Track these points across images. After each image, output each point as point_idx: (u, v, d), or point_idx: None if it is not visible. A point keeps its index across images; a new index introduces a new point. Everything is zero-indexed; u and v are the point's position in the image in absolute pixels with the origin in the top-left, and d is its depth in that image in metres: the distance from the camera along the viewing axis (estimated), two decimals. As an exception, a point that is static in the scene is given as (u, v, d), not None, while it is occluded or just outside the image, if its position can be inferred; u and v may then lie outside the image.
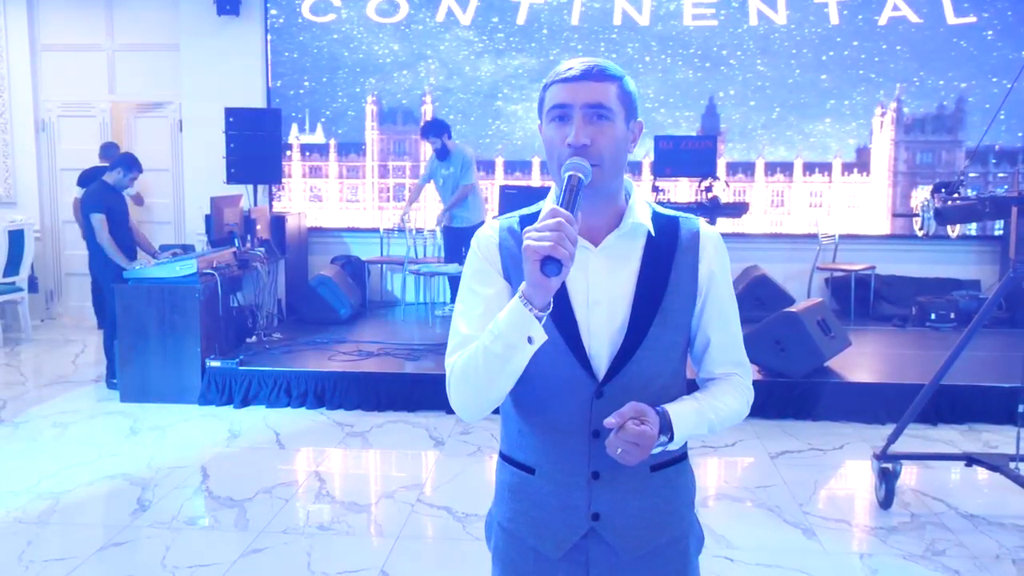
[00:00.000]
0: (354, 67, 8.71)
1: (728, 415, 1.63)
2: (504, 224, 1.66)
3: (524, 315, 1.41)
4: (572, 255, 1.36)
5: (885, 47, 8.26)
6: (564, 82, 1.54)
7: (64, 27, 8.87)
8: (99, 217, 6.31)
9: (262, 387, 6.06)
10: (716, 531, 3.98)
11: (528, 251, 1.36)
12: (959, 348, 4.37)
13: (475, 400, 1.53)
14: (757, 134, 8.45)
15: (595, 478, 1.59)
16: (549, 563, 1.64)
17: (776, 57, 8.35)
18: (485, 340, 1.46)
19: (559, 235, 1.35)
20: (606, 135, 1.53)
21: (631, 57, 8.40)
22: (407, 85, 8.69)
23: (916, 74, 8.26)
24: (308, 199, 8.92)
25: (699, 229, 1.65)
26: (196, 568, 3.68)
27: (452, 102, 8.69)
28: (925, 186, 8.37)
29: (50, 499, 4.41)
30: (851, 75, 8.33)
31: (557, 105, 1.55)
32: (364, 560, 3.77)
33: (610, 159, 1.54)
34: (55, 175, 9.02)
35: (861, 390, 5.84)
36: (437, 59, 8.66)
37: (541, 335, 1.43)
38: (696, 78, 8.45)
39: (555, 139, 1.55)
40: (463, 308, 1.61)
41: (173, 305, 6.05)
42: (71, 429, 5.56)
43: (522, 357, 1.45)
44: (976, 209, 4.52)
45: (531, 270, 1.37)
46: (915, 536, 4.03)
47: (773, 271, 8.07)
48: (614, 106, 1.54)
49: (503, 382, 1.49)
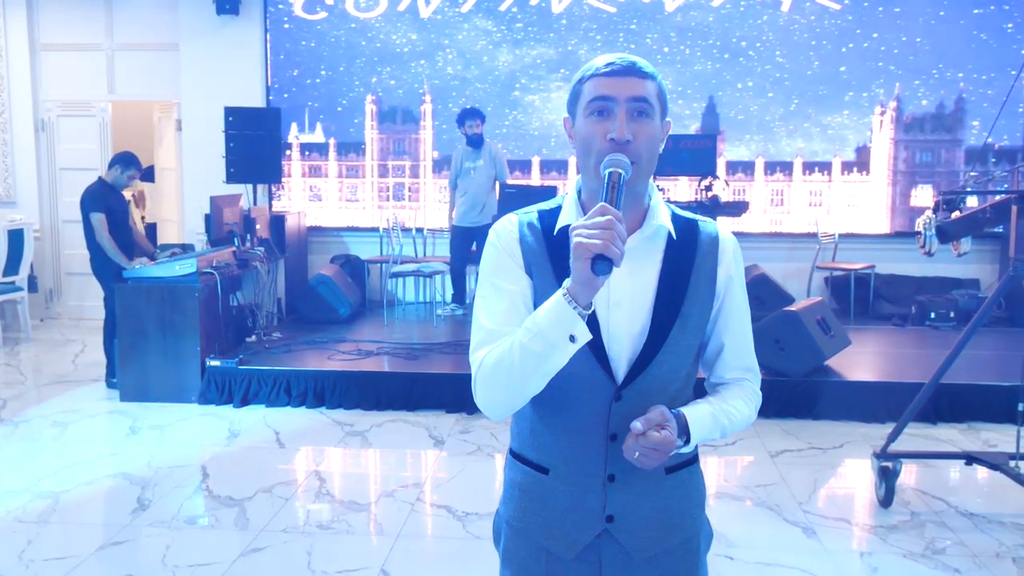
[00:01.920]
0: (354, 66, 8.70)
1: (739, 421, 1.63)
2: (524, 219, 1.63)
3: (568, 313, 1.38)
4: (623, 253, 1.34)
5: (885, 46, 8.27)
6: (607, 76, 1.52)
7: (63, 27, 8.87)
8: (99, 216, 6.31)
9: (262, 386, 6.06)
10: (716, 529, 3.92)
11: (580, 248, 1.34)
12: (959, 347, 4.38)
13: (505, 398, 1.51)
14: (775, 125, 8.44)
15: (611, 480, 1.58)
16: (561, 563, 1.62)
17: (793, 48, 8.36)
18: (522, 337, 1.43)
19: (611, 233, 1.33)
20: (646, 132, 1.51)
21: (650, 48, 8.41)
22: (407, 83, 8.68)
23: (917, 73, 8.26)
24: (308, 198, 8.91)
25: (718, 233, 1.63)
26: (196, 567, 3.68)
27: (469, 92, 8.67)
28: (924, 186, 8.39)
29: (50, 498, 4.41)
30: (852, 72, 8.33)
31: (599, 98, 1.51)
32: (364, 559, 3.77)
33: (647, 157, 1.53)
34: (55, 175, 9.01)
35: (861, 389, 5.84)
36: (454, 49, 8.65)
37: (585, 333, 1.41)
38: (714, 69, 8.44)
39: (595, 133, 1.52)
40: (485, 303, 1.58)
41: (173, 304, 6.05)
42: (71, 428, 5.56)
43: (562, 356, 1.42)
44: (978, 219, 4.50)
45: (581, 268, 1.34)
46: (915, 534, 4.03)
47: (773, 270, 8.06)
48: (655, 102, 1.53)
49: (537, 381, 1.46)
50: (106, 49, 8.89)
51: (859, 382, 5.91)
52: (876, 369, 6.42)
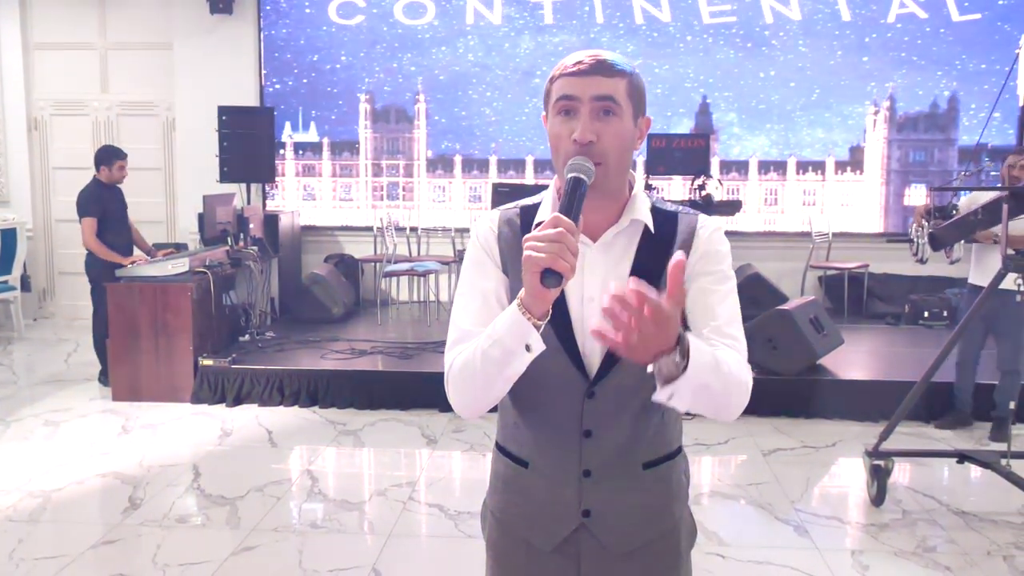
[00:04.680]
0: (348, 65, 8.70)
1: (733, 371, 1.44)
2: (504, 215, 1.63)
3: (522, 323, 1.38)
4: (573, 267, 1.32)
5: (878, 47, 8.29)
6: (573, 75, 1.49)
7: (56, 25, 8.85)
8: (88, 221, 6.26)
9: (255, 385, 6.05)
10: (709, 528, 3.98)
11: (528, 262, 1.32)
12: (951, 345, 4.39)
13: (472, 400, 1.52)
14: (795, 115, 8.45)
15: (586, 476, 1.58)
16: (541, 555, 1.64)
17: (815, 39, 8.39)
18: (483, 343, 1.43)
19: (560, 246, 1.30)
20: (612, 131, 1.49)
21: (673, 36, 8.42)
22: (401, 83, 8.68)
23: (909, 72, 8.28)
24: (301, 198, 8.90)
25: (696, 223, 1.60)
26: (187, 566, 3.67)
27: (490, 79, 8.66)
28: (918, 185, 8.40)
29: (41, 497, 4.40)
30: (846, 72, 8.35)
31: (564, 97, 1.49)
32: (356, 558, 3.77)
33: (615, 157, 1.50)
34: (47, 174, 8.99)
35: (854, 388, 5.85)
36: (476, 35, 8.65)
37: (539, 344, 1.40)
38: (737, 59, 8.44)
39: (561, 134, 1.50)
40: (462, 301, 1.59)
41: (166, 304, 6.04)
42: (63, 428, 5.55)
43: (520, 363, 1.42)
44: (969, 222, 4.50)
45: (530, 281, 1.33)
46: (907, 533, 4.04)
47: (766, 269, 8.07)
48: (623, 101, 1.50)
49: (501, 384, 1.47)
50: (99, 48, 8.87)
51: (852, 381, 5.92)
52: (869, 368, 6.43)
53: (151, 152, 8.83)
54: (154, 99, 8.87)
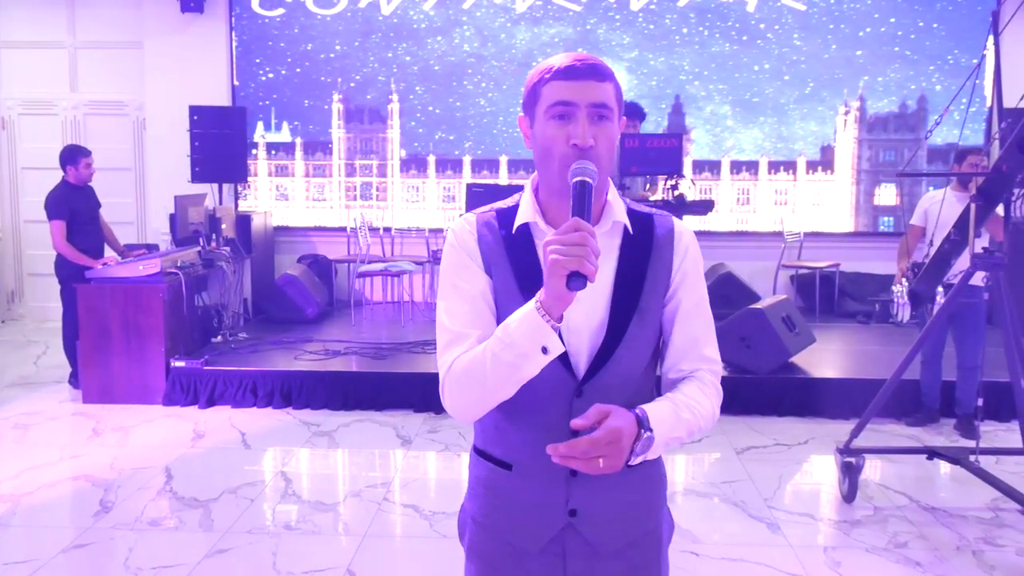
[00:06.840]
0: (320, 64, 8.66)
1: (702, 415, 1.58)
2: (481, 218, 1.63)
3: (541, 326, 1.39)
4: (597, 269, 1.35)
5: (847, 46, 8.36)
6: (569, 79, 1.50)
7: (25, 24, 8.74)
8: (57, 224, 6.19)
9: (228, 387, 6.01)
10: (682, 526, 4.01)
11: (555, 266, 1.34)
12: (920, 343, 4.44)
13: (475, 404, 1.52)
14: (789, 108, 8.49)
15: (573, 476, 1.58)
16: (526, 556, 1.64)
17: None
18: (495, 347, 1.44)
19: (585, 249, 1.34)
20: (606, 135, 1.51)
21: (668, 28, 8.45)
22: (374, 82, 8.65)
23: (879, 72, 8.36)
24: (274, 198, 8.86)
25: (673, 226, 1.64)
26: (160, 569, 3.64)
27: (485, 70, 8.64)
28: (888, 184, 8.48)
29: (11, 501, 4.35)
30: (816, 72, 8.42)
31: (561, 102, 1.50)
32: (330, 559, 3.76)
33: (608, 159, 1.53)
34: (16, 174, 8.89)
35: (826, 386, 5.90)
36: (472, 25, 8.63)
37: (558, 346, 1.42)
38: (732, 51, 8.48)
39: (557, 138, 1.51)
40: (448, 305, 1.58)
41: (137, 305, 5.98)
42: (33, 431, 5.49)
43: (534, 365, 1.43)
44: (943, 257, 4.49)
45: (556, 284, 1.35)
46: (878, 529, 4.08)
47: (739, 269, 8.12)
48: (613, 106, 1.53)
49: (509, 388, 1.47)
50: (68, 47, 8.78)
51: (824, 379, 5.97)
52: (840, 366, 6.49)
53: (121, 152, 8.76)
54: (124, 98, 8.80)
